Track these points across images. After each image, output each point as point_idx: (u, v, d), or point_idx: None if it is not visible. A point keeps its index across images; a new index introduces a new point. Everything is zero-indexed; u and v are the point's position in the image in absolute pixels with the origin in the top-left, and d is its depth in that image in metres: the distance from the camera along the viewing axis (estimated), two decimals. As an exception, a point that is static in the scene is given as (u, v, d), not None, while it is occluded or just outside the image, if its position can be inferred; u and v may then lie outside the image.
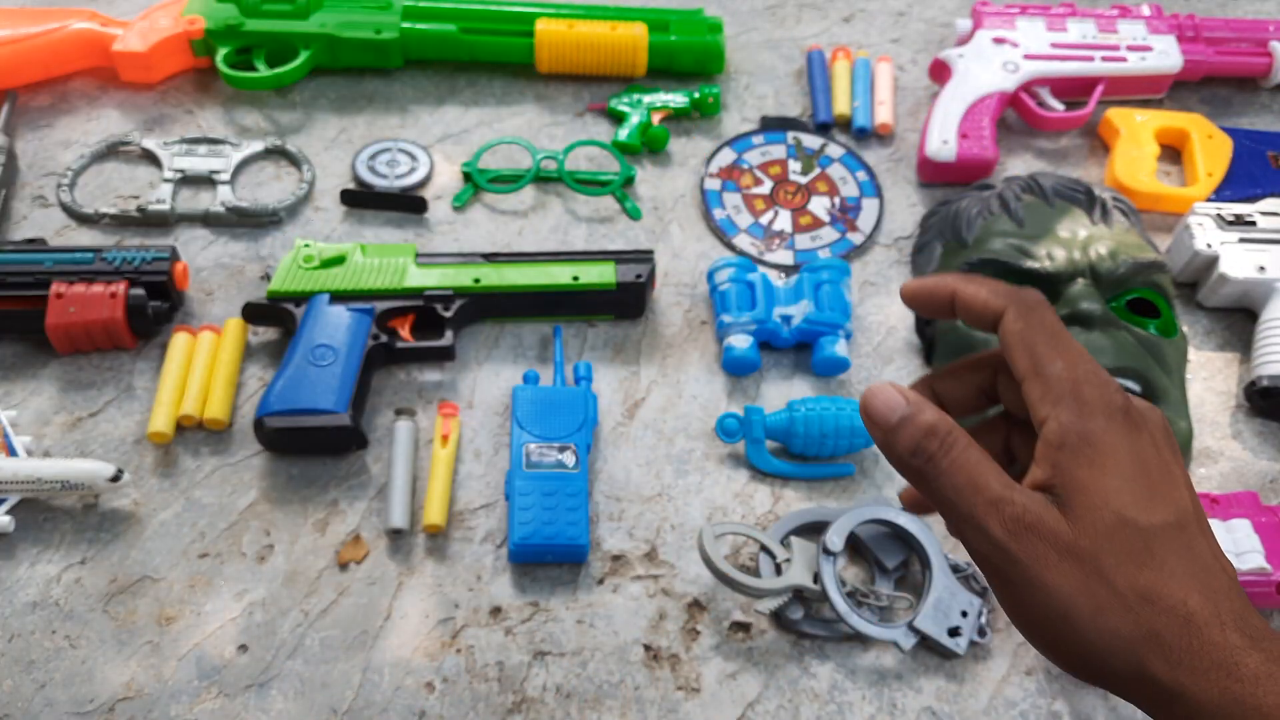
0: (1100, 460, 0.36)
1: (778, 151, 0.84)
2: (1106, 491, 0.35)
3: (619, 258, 0.73)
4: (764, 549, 0.62)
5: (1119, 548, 0.35)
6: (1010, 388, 0.41)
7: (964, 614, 0.60)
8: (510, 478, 0.64)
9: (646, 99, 0.86)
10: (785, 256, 0.78)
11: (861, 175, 0.83)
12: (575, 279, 0.71)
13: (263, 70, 0.84)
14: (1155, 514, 0.35)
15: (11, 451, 0.64)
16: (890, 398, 0.38)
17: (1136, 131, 0.84)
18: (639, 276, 0.72)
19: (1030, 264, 0.69)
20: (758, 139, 0.85)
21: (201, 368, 0.68)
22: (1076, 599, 0.35)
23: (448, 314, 0.70)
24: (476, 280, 0.71)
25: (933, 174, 0.82)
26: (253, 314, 0.70)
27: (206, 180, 0.80)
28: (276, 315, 0.70)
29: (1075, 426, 0.36)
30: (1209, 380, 0.73)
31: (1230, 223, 0.75)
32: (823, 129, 0.86)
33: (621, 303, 0.73)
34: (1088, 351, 0.39)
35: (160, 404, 0.67)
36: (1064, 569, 0.35)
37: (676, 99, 0.86)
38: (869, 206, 0.81)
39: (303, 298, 0.69)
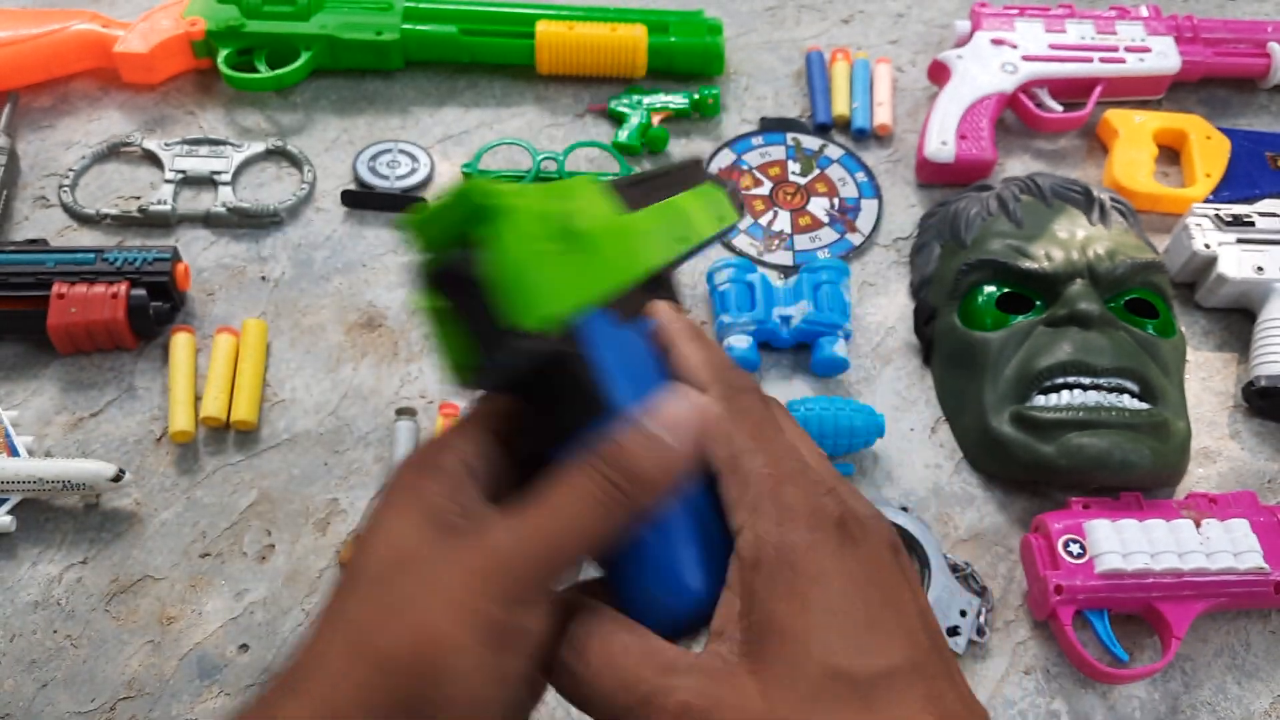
0: (803, 588, 0.27)
1: (777, 152, 0.84)
2: (810, 632, 0.27)
3: (684, 169, 0.45)
4: (763, 548, 0.62)
5: (828, 712, 0.26)
6: None
7: (963, 613, 0.60)
8: (510, 477, 0.64)
9: (646, 100, 0.86)
10: (784, 257, 0.78)
11: (860, 176, 0.83)
12: (721, 219, 0.46)
13: (264, 71, 0.84)
14: (876, 658, 0.27)
15: (13, 451, 0.64)
16: None
17: (1135, 132, 0.84)
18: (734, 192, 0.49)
19: (1028, 264, 0.69)
20: (757, 140, 0.85)
21: (221, 369, 0.68)
22: None
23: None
24: (683, 240, 0.41)
25: (931, 175, 0.82)
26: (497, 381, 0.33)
27: (208, 181, 0.80)
28: (537, 381, 0.32)
29: (773, 539, 0.28)
30: (1207, 380, 0.74)
31: (1228, 223, 0.75)
32: (822, 130, 0.86)
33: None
34: (813, 445, 0.31)
35: (177, 403, 0.67)
36: None
37: (676, 100, 0.86)
38: (868, 207, 0.82)
39: (568, 327, 0.32)
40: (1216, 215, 0.75)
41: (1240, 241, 0.74)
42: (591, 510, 0.29)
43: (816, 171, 0.83)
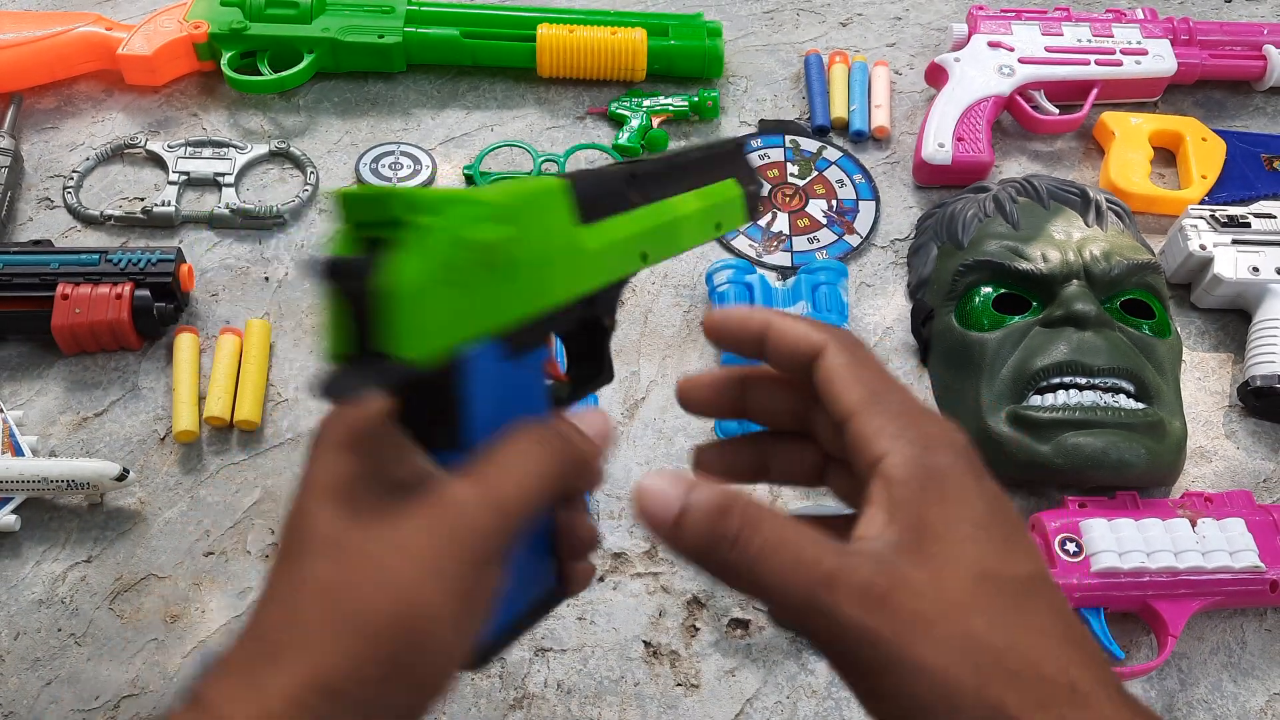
0: (952, 503, 0.30)
1: (775, 154, 0.85)
2: (963, 539, 0.30)
3: (714, 158, 0.44)
4: (762, 547, 0.62)
5: (988, 605, 0.29)
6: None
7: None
8: (511, 477, 0.64)
9: (646, 103, 0.86)
10: (783, 258, 0.79)
11: (858, 178, 0.84)
12: (719, 227, 0.43)
13: (267, 74, 0.85)
14: (1017, 565, 0.30)
15: (18, 451, 0.64)
16: (661, 489, 0.30)
17: (1131, 134, 0.84)
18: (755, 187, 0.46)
19: (1024, 265, 0.69)
20: (756, 142, 0.86)
21: (225, 369, 0.69)
22: (957, 673, 0.28)
23: (609, 324, 0.40)
24: (645, 257, 0.39)
25: (929, 177, 0.83)
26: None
27: (211, 182, 0.81)
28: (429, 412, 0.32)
29: (922, 460, 0.31)
30: (1203, 380, 0.74)
31: (1224, 224, 0.76)
32: (820, 132, 0.87)
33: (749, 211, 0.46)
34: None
35: (181, 403, 0.67)
36: (939, 639, 0.28)
37: (676, 103, 0.86)
38: (866, 209, 0.82)
39: (443, 360, 0.31)
40: (1212, 216, 0.76)
41: (1235, 243, 0.75)
42: (543, 471, 0.31)
43: (815, 173, 0.84)
